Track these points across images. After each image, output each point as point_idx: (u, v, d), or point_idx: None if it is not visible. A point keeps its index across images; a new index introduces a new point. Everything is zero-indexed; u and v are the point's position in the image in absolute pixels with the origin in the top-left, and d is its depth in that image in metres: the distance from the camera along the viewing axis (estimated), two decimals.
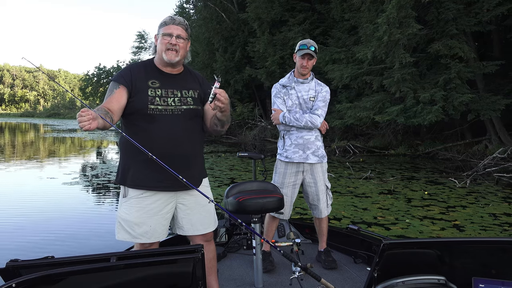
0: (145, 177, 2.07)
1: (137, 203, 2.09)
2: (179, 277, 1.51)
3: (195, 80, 2.27)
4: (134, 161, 2.10)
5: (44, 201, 6.92)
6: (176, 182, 2.00)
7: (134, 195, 2.09)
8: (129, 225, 2.09)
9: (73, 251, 4.36)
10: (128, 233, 2.09)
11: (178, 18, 2.16)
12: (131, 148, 2.04)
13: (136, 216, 2.08)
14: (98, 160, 12.98)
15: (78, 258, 1.44)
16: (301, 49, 3.02)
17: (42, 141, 21.23)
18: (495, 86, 12.35)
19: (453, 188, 7.93)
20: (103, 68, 38.24)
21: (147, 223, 2.09)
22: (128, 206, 2.10)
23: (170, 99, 2.11)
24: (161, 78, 2.14)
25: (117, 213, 2.15)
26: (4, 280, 1.32)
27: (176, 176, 1.91)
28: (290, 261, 2.02)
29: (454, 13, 11.19)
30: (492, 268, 1.58)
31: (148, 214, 2.09)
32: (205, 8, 25.72)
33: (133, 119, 2.09)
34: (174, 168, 1.95)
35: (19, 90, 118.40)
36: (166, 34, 2.10)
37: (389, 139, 15.12)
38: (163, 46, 2.10)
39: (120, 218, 2.12)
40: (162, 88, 2.11)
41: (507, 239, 1.55)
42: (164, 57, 2.12)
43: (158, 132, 2.05)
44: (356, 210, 6.11)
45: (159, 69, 2.17)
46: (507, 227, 5.20)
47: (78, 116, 1.70)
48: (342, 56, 14.46)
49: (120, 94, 2.05)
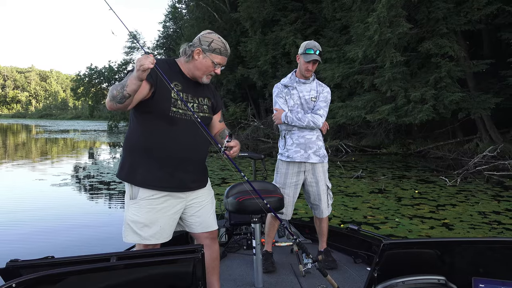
0: (157, 178, 2.04)
1: (148, 204, 2.04)
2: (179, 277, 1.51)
3: (209, 89, 2.28)
4: (145, 160, 2.05)
5: (43, 201, 6.89)
6: (186, 183, 2.10)
7: (145, 197, 2.04)
8: (139, 227, 2.05)
9: (73, 251, 4.34)
10: (138, 235, 2.05)
11: (228, 48, 2.15)
12: (143, 146, 2.03)
13: (146, 217, 2.04)
14: (92, 161, 12.89)
15: (78, 258, 1.44)
16: (308, 54, 3.00)
17: (34, 142, 21.06)
18: (486, 84, 12.44)
19: (444, 187, 7.96)
20: (94, 69, 37.98)
21: (157, 224, 2.06)
22: (137, 208, 2.05)
23: (190, 104, 2.10)
24: (183, 82, 2.12)
25: (124, 215, 2.09)
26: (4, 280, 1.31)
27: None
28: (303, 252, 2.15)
29: (444, 12, 11.25)
30: (492, 268, 1.57)
31: (158, 215, 2.06)
32: (197, 8, 25.70)
33: (151, 118, 2.04)
34: (189, 170, 2.08)
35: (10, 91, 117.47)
36: (216, 63, 2.09)
37: (381, 138, 15.17)
38: (206, 70, 2.10)
39: (129, 221, 2.06)
40: (183, 92, 2.10)
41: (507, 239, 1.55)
42: (202, 79, 2.13)
43: (178, 135, 2.03)
44: (346, 209, 6.10)
45: (183, 73, 2.14)
46: (496, 225, 5.22)
47: (144, 56, 1.72)
48: (333, 55, 14.49)
49: (143, 86, 1.96)
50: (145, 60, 1.71)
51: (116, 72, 38.01)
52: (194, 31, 26.08)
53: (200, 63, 2.07)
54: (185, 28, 30.78)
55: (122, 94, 1.82)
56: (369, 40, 11.79)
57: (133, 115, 2.10)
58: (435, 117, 11.68)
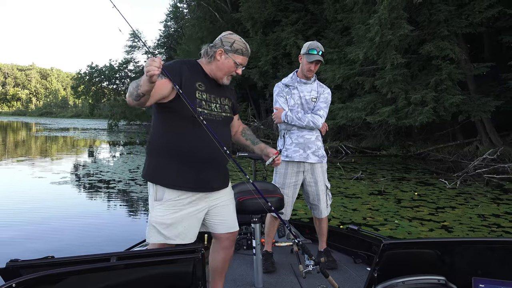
0: (183, 179, 2.05)
1: (173, 206, 2.04)
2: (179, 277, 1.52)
3: (229, 89, 2.31)
4: (170, 161, 2.05)
5: (43, 201, 6.89)
6: (211, 183, 2.12)
7: (171, 198, 2.04)
8: (164, 227, 2.04)
9: (73, 251, 4.34)
10: (162, 235, 2.04)
11: (249, 48, 2.18)
12: (168, 147, 2.04)
13: (171, 218, 2.04)
14: (92, 159, 12.89)
15: (78, 258, 1.44)
16: (311, 54, 3.00)
17: (34, 140, 21.05)
18: (486, 87, 12.44)
19: (443, 189, 7.96)
20: (95, 67, 37.94)
21: (182, 224, 2.06)
22: (163, 209, 2.04)
23: (213, 104, 2.12)
24: (206, 82, 2.13)
25: (149, 216, 2.08)
26: (4, 280, 1.32)
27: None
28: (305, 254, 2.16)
29: (445, 15, 11.25)
30: (492, 268, 1.58)
31: (183, 216, 2.06)
32: (198, 8, 25.70)
33: (176, 119, 2.04)
34: (213, 171, 2.11)
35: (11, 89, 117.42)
36: (238, 64, 2.12)
37: (381, 140, 15.17)
38: (228, 70, 2.12)
39: (154, 222, 2.05)
40: (207, 93, 2.11)
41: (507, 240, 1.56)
42: (223, 79, 2.15)
43: (203, 136, 2.02)
44: (345, 211, 6.11)
45: (206, 73, 2.15)
46: (495, 228, 5.22)
47: (151, 60, 1.69)
48: (334, 56, 14.49)
49: (165, 85, 1.95)
50: (152, 66, 1.69)
51: (116, 71, 38.03)
52: (195, 31, 26.13)
53: (222, 63, 2.09)
54: (186, 28, 30.80)
55: (136, 93, 1.82)
56: (370, 42, 11.79)
57: (158, 115, 2.10)
58: (435, 119, 11.68)
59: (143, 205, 6.45)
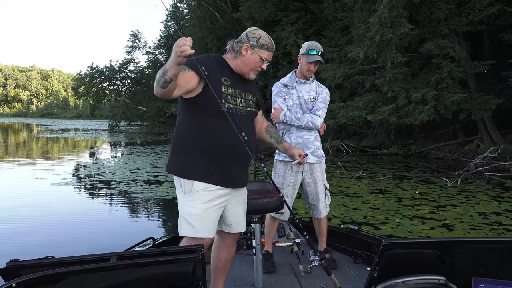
0: (210, 173, 2.06)
1: (202, 196, 2.05)
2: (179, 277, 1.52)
3: (253, 85, 2.32)
4: (197, 155, 2.06)
5: (43, 201, 6.91)
6: (235, 179, 2.13)
7: (199, 189, 2.05)
8: (193, 218, 2.05)
9: (73, 251, 4.35)
10: (192, 227, 2.04)
11: (274, 43, 2.19)
12: (195, 141, 2.05)
13: (200, 208, 2.05)
14: (93, 160, 12.90)
15: (78, 258, 1.44)
16: (310, 54, 3.00)
17: (35, 142, 21.07)
18: (487, 85, 12.42)
19: (444, 187, 7.95)
20: (95, 68, 37.93)
21: (210, 217, 2.08)
22: (191, 200, 2.05)
23: (238, 99, 2.14)
24: (231, 77, 2.14)
25: (180, 209, 2.09)
26: (4, 280, 1.32)
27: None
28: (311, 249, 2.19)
29: (445, 13, 11.23)
30: (492, 268, 1.58)
31: (210, 208, 2.08)
32: (198, 8, 25.67)
33: (203, 113, 2.05)
34: (238, 167, 2.12)
35: (12, 90, 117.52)
36: (264, 59, 2.13)
37: (381, 139, 15.16)
38: (254, 65, 2.13)
39: (184, 214, 2.07)
40: (232, 87, 2.12)
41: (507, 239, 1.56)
42: (249, 74, 2.16)
43: (229, 130, 2.02)
44: (346, 210, 6.10)
45: (231, 68, 2.16)
46: (496, 226, 5.21)
47: (182, 39, 1.71)
48: (334, 55, 14.47)
49: (192, 77, 1.96)
50: (185, 46, 1.70)
51: (117, 72, 37.99)
52: (196, 31, 26.09)
53: (248, 59, 2.11)
54: (187, 28, 30.78)
55: (164, 79, 1.81)
56: (370, 41, 11.77)
57: (184, 110, 2.11)
58: (436, 118, 11.67)
59: (144, 206, 6.45)
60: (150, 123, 34.46)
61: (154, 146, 18.45)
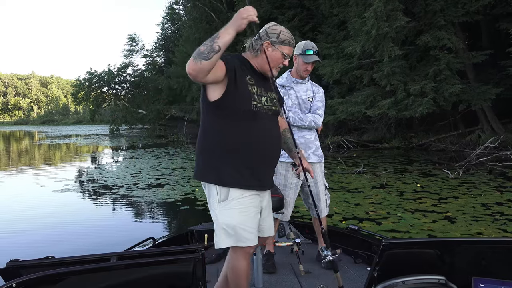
0: (244, 176, 1.97)
1: (239, 205, 1.95)
2: (180, 277, 1.53)
3: (273, 83, 2.25)
4: (229, 159, 1.96)
5: (44, 203, 6.97)
6: (266, 181, 2.07)
7: (235, 197, 1.95)
8: (234, 229, 1.94)
9: (73, 251, 4.34)
10: (233, 237, 1.95)
11: (293, 38, 2.14)
12: (227, 144, 1.95)
13: (238, 218, 1.95)
14: (95, 165, 12.92)
15: (78, 258, 1.45)
16: (307, 55, 2.98)
17: (37, 149, 21.12)
18: (485, 75, 12.39)
19: (446, 180, 7.93)
20: (94, 73, 37.94)
21: (249, 225, 1.98)
22: (229, 210, 1.95)
23: (263, 98, 2.05)
24: (255, 76, 2.06)
25: (217, 218, 1.97)
26: (5, 280, 1.33)
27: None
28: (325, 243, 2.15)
29: (441, 4, 11.20)
30: (492, 268, 1.58)
31: (250, 215, 1.98)
32: (194, 9, 25.64)
33: (229, 115, 1.95)
34: (269, 167, 2.08)
35: (12, 98, 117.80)
36: (286, 55, 2.06)
37: (382, 133, 15.13)
38: (276, 62, 2.06)
39: (223, 224, 1.94)
40: (257, 86, 2.04)
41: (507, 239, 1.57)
42: (272, 71, 2.08)
43: (259, 130, 1.98)
44: (348, 205, 6.09)
45: (254, 67, 2.08)
46: (499, 217, 5.19)
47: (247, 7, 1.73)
48: (332, 51, 14.45)
49: (221, 66, 1.86)
50: (251, 13, 1.70)
51: (116, 76, 38.00)
52: (192, 32, 26.10)
53: (270, 56, 2.03)
54: (183, 29, 30.78)
55: (211, 47, 1.71)
56: (367, 35, 11.75)
57: (211, 112, 2.00)
58: (435, 109, 11.65)
59: (144, 208, 6.45)
60: (151, 126, 34.44)
61: (155, 149, 18.46)
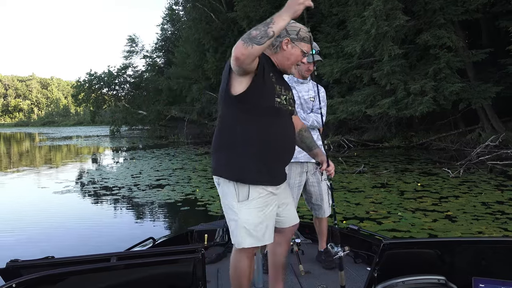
0: (262, 174, 1.95)
1: (258, 204, 1.95)
2: (180, 277, 1.53)
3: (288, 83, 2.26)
4: (252, 155, 1.93)
5: (45, 206, 6.94)
6: (281, 176, 2.08)
7: (255, 196, 1.94)
8: (255, 228, 1.94)
9: (74, 251, 4.34)
10: (255, 237, 1.95)
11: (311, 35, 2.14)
12: (250, 140, 1.92)
13: (260, 216, 1.95)
14: (96, 166, 12.92)
15: (79, 258, 1.45)
16: (310, 54, 2.98)
17: (38, 150, 21.13)
18: (485, 74, 12.37)
19: (446, 179, 7.92)
20: (94, 74, 37.97)
21: (269, 224, 1.99)
22: (249, 209, 1.94)
23: (283, 96, 2.03)
24: (276, 74, 2.04)
25: (237, 218, 1.94)
26: (5, 280, 1.33)
27: None
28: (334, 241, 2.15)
29: (441, 3, 11.19)
30: (492, 268, 1.57)
31: (268, 213, 1.99)
32: (193, 9, 25.65)
33: (251, 108, 1.93)
34: (285, 164, 2.09)
35: (12, 100, 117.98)
36: (305, 52, 2.07)
37: (382, 132, 15.13)
38: (295, 59, 2.06)
39: (245, 224, 1.93)
40: (278, 84, 2.02)
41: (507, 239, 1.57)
42: (291, 70, 2.10)
43: (281, 127, 1.98)
44: (348, 205, 6.08)
45: (275, 65, 2.07)
46: (499, 215, 5.18)
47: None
48: (332, 51, 14.45)
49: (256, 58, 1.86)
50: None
51: (116, 77, 38.03)
52: (192, 33, 26.12)
53: (289, 53, 2.02)
54: (183, 30, 30.78)
55: (265, 32, 1.69)
56: (366, 34, 11.74)
57: (232, 107, 1.96)
58: (435, 108, 11.64)
59: (145, 209, 6.44)
60: (151, 127, 34.43)
61: (156, 149, 18.47)
